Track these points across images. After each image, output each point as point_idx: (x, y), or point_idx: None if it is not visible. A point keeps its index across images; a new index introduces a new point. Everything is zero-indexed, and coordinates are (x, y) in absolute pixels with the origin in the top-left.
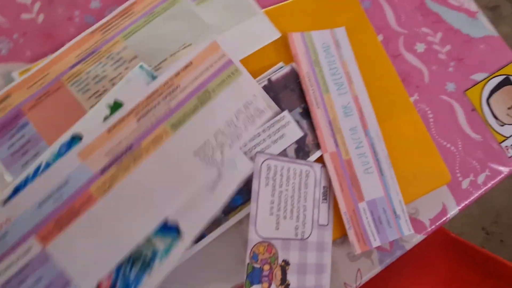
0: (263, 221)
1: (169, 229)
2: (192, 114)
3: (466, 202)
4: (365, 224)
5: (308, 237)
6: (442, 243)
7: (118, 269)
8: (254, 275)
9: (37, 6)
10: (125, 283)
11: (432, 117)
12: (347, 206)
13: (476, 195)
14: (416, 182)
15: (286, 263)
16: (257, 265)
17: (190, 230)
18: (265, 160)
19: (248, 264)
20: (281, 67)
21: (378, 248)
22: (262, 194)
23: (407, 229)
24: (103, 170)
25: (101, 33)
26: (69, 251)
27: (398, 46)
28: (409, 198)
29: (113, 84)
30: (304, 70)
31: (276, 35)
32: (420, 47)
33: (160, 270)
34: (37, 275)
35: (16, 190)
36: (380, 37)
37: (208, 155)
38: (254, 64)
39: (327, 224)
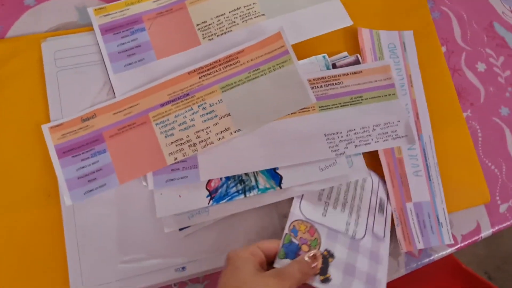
0: (310, 202)
1: (274, 176)
2: (340, 107)
3: (501, 226)
4: (411, 225)
5: (360, 239)
6: (451, 271)
7: (227, 179)
8: (290, 249)
9: None
10: (225, 191)
11: (481, 136)
12: (397, 203)
13: (511, 221)
14: (456, 196)
15: (329, 254)
16: (295, 240)
17: (286, 186)
18: None
19: (286, 234)
20: (345, 56)
21: (406, 252)
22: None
23: (448, 238)
24: None
25: (198, 76)
26: (208, 154)
27: (459, 61)
28: (448, 209)
29: (198, 137)
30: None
31: (348, 22)
32: (481, 67)
33: (251, 199)
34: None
35: None
36: (443, 49)
37: (335, 142)
38: (320, 46)
39: (384, 237)
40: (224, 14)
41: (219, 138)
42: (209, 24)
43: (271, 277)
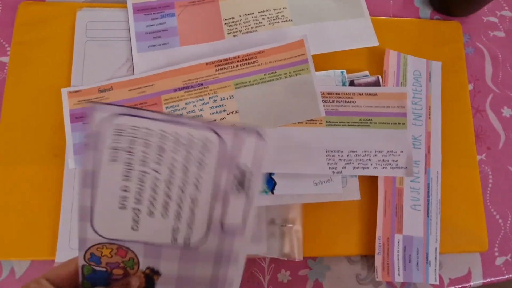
0: (108, 215)
1: (269, 181)
2: (347, 126)
3: (493, 279)
4: (395, 256)
5: (196, 245)
6: None
7: None
8: (97, 278)
9: None
10: None
11: (491, 183)
12: (384, 232)
13: (506, 276)
14: (452, 237)
15: (153, 271)
16: (100, 268)
17: (278, 193)
18: (112, 116)
19: (84, 265)
20: (365, 76)
21: (389, 282)
22: (103, 174)
23: (433, 279)
24: None
25: (215, 69)
26: None
27: (485, 102)
28: (441, 249)
29: None
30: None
31: (374, 43)
32: (507, 112)
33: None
34: None
35: None
36: (470, 86)
37: (334, 160)
38: (341, 61)
39: (242, 227)
40: (253, 13)
41: None
42: (236, 21)
43: None
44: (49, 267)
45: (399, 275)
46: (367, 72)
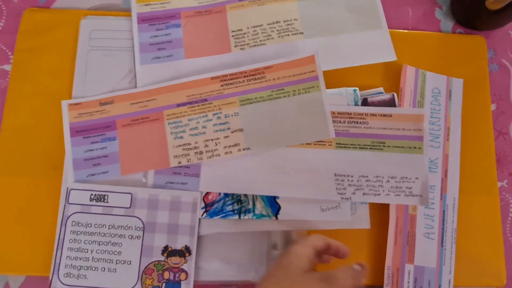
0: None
1: (272, 204)
2: (358, 149)
3: None
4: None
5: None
6: None
7: (226, 196)
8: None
9: None
10: (221, 207)
11: None
12: (394, 261)
13: None
14: (468, 270)
15: (165, 248)
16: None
17: (283, 218)
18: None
19: None
20: (380, 93)
21: None
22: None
23: None
24: None
25: (220, 84)
26: (212, 165)
27: (508, 124)
28: (455, 282)
29: (206, 146)
30: (405, 106)
31: (392, 57)
32: None
33: (244, 222)
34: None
35: None
36: (493, 106)
37: (343, 185)
38: (354, 76)
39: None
40: (262, 25)
41: (226, 152)
42: (244, 33)
43: (319, 281)
44: (44, 283)
45: None
46: (381, 89)
